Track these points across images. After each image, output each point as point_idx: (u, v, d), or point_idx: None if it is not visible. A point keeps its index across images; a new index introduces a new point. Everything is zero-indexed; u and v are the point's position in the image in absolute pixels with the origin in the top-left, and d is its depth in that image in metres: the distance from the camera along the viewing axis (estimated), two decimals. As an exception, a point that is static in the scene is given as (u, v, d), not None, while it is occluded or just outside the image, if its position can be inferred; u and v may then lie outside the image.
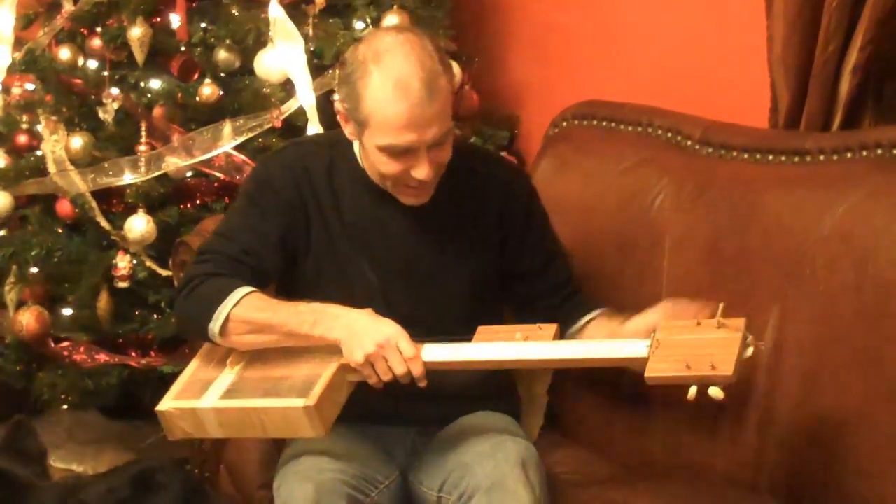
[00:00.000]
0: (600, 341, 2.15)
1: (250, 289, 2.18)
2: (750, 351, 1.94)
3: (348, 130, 2.22)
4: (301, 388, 2.06)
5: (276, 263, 2.29)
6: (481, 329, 2.15)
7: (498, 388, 2.42)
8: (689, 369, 1.88)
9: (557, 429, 2.66)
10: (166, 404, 2.21)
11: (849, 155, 2.34)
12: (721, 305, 1.97)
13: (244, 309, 2.15)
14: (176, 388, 2.24)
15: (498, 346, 2.10)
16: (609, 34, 3.38)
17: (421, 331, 2.10)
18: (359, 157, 2.30)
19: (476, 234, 2.33)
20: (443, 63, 2.13)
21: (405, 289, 2.30)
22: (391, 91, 2.07)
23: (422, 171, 2.13)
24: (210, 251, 2.29)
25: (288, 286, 2.33)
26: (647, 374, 1.92)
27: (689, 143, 2.65)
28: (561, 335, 2.20)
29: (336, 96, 2.25)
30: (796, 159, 2.42)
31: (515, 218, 2.34)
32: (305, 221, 2.30)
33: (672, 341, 1.94)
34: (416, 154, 2.12)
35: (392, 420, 2.31)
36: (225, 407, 2.14)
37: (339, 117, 2.24)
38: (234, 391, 2.16)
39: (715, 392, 1.88)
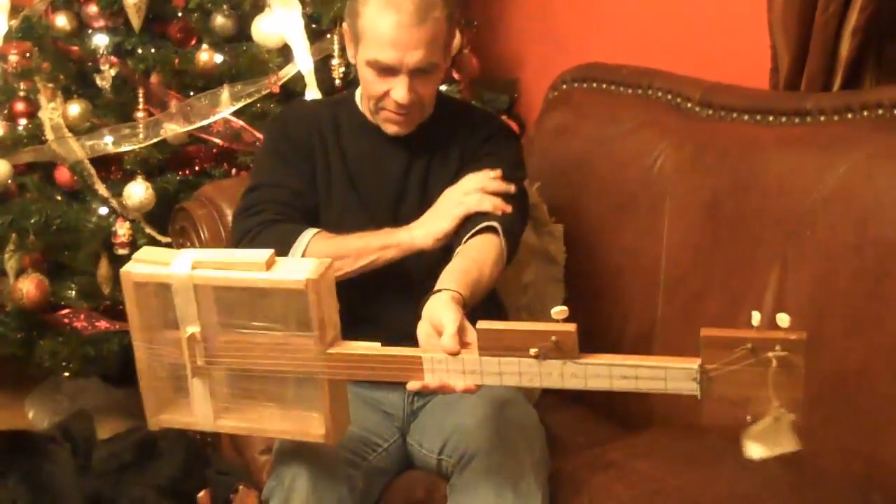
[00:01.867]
0: (637, 364, 1.79)
1: (315, 230, 2.25)
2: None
3: (350, 52, 2.32)
4: (304, 404, 1.92)
5: (316, 201, 2.36)
6: (482, 326, 1.74)
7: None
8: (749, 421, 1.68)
9: (557, 391, 2.65)
10: (160, 423, 2.05)
11: (849, 115, 2.34)
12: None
13: (315, 248, 2.20)
14: (151, 402, 2.04)
15: (515, 369, 1.77)
16: (608, -3, 3.37)
17: (406, 267, 2.22)
18: (359, 104, 2.40)
19: (451, 173, 2.35)
20: (446, 1, 2.20)
21: (394, 223, 2.32)
22: (384, 7, 2.16)
23: (398, 93, 2.20)
24: (257, 202, 2.32)
25: None
26: (705, 420, 1.80)
27: (688, 105, 2.64)
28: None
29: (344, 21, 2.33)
30: (797, 120, 2.42)
31: (473, 147, 2.37)
32: (313, 166, 2.37)
33: (724, 378, 1.68)
34: (397, 74, 2.19)
35: (391, 383, 2.31)
36: (228, 429, 2.03)
37: (345, 39, 2.33)
38: (224, 403, 1.98)
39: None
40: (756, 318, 1.63)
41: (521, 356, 1.73)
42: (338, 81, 3.17)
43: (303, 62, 3.17)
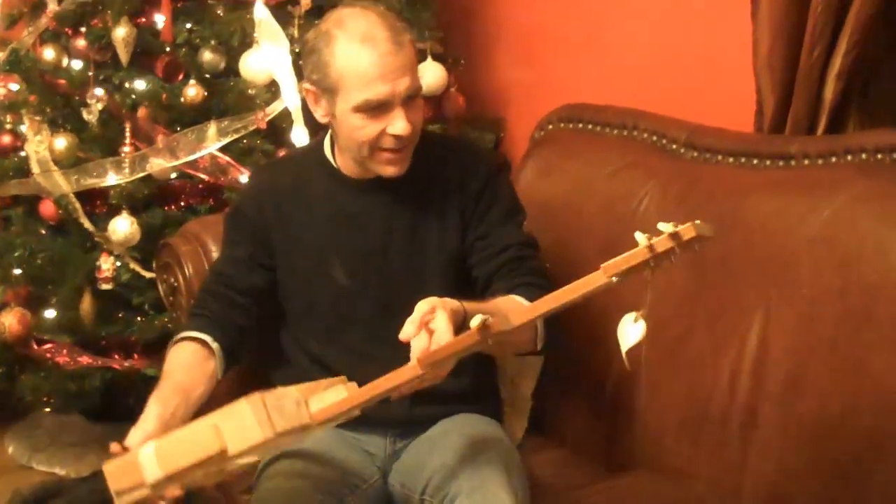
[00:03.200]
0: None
1: (184, 335, 2.29)
2: None
3: (319, 112, 2.26)
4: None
5: (252, 281, 2.37)
6: (422, 361, 1.81)
7: (481, 390, 2.41)
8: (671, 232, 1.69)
9: (541, 432, 2.65)
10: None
11: (833, 159, 2.34)
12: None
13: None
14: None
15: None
16: (595, 37, 3.38)
17: (399, 318, 2.09)
18: (330, 156, 2.35)
19: (443, 221, 2.34)
20: (404, 26, 2.19)
21: (379, 282, 2.32)
22: (359, 46, 2.12)
23: (398, 126, 2.16)
24: (201, 288, 2.46)
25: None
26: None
27: (674, 146, 2.65)
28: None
29: (304, 83, 2.27)
30: (781, 163, 2.42)
31: (471, 201, 2.34)
32: (269, 240, 2.37)
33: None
34: (391, 108, 2.15)
35: (372, 422, 2.29)
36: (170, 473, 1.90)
37: (308, 100, 2.28)
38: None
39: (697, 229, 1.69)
40: (640, 238, 1.71)
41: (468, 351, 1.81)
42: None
43: (290, 98, 3.18)
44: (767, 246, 2.34)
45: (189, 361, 2.24)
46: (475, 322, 1.72)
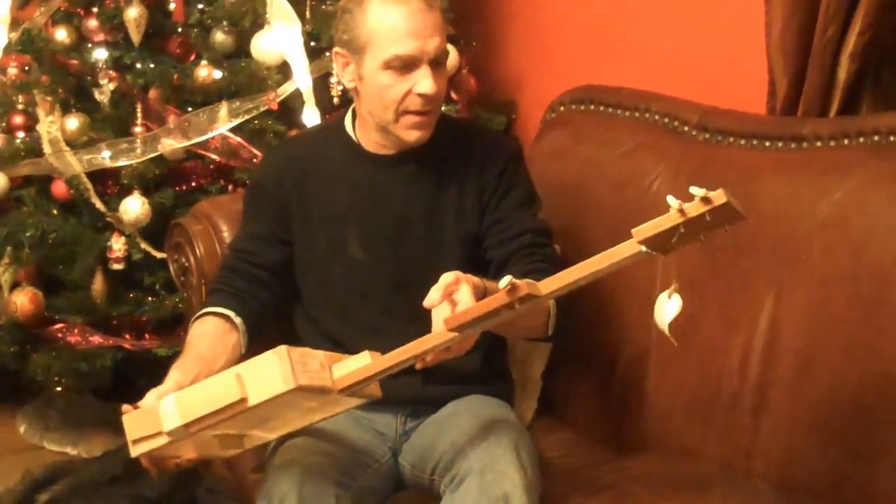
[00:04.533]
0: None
1: (207, 310, 2.30)
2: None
3: (346, 77, 2.29)
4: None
5: (273, 257, 2.38)
6: (449, 323, 1.81)
7: (491, 371, 2.42)
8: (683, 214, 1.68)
9: (551, 413, 2.66)
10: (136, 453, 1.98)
11: (846, 141, 2.33)
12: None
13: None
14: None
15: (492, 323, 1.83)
16: (607, 19, 3.37)
17: (414, 294, 2.10)
18: (351, 131, 2.37)
19: (461, 201, 2.35)
20: None
21: (395, 258, 2.33)
22: (390, 3, 2.16)
23: (425, 84, 2.18)
24: (221, 265, 2.48)
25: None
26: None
27: (685, 128, 2.64)
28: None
29: (334, 48, 2.31)
30: (793, 145, 2.42)
31: (490, 183, 2.35)
32: (288, 215, 2.38)
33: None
34: (418, 66, 2.18)
35: (383, 403, 2.30)
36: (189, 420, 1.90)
37: (336, 66, 2.31)
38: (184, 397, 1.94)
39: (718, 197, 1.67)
40: (672, 201, 1.68)
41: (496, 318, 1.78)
42: (336, 100, 3.17)
43: (302, 79, 3.17)
44: (779, 228, 2.34)
45: (211, 334, 2.25)
46: (503, 283, 1.72)
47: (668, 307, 1.74)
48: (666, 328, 1.74)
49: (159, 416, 1.87)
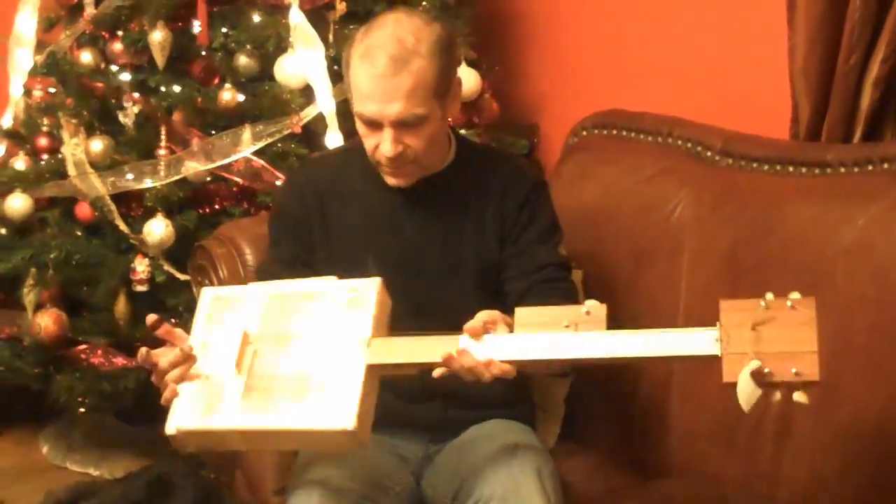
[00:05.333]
0: (662, 332, 1.81)
1: None
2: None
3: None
4: (333, 401, 1.93)
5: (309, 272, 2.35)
6: (519, 313, 1.89)
7: (513, 395, 2.41)
8: (769, 374, 1.71)
9: (573, 437, 2.65)
10: (177, 425, 2.02)
11: (870, 167, 2.33)
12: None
13: None
14: (181, 403, 2.04)
15: (552, 340, 1.84)
16: (629, 44, 3.38)
17: (431, 320, 2.11)
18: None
19: (481, 228, 2.34)
20: (432, 49, 2.14)
21: (412, 282, 2.31)
22: (360, 58, 2.15)
23: (384, 146, 2.18)
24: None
25: None
26: (725, 378, 1.74)
27: (709, 153, 2.64)
28: None
29: None
30: (817, 171, 2.42)
31: (511, 213, 2.34)
32: (310, 235, 2.38)
33: (742, 335, 1.72)
34: (381, 128, 2.17)
35: (406, 427, 2.31)
36: (250, 429, 1.99)
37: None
38: (253, 399, 2.01)
39: (799, 397, 1.74)
40: (769, 296, 1.71)
41: (555, 330, 1.83)
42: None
43: (324, 103, 3.19)
44: (802, 254, 2.34)
45: None
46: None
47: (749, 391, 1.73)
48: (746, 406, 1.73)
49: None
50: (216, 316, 2.10)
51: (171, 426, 2.02)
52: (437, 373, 1.90)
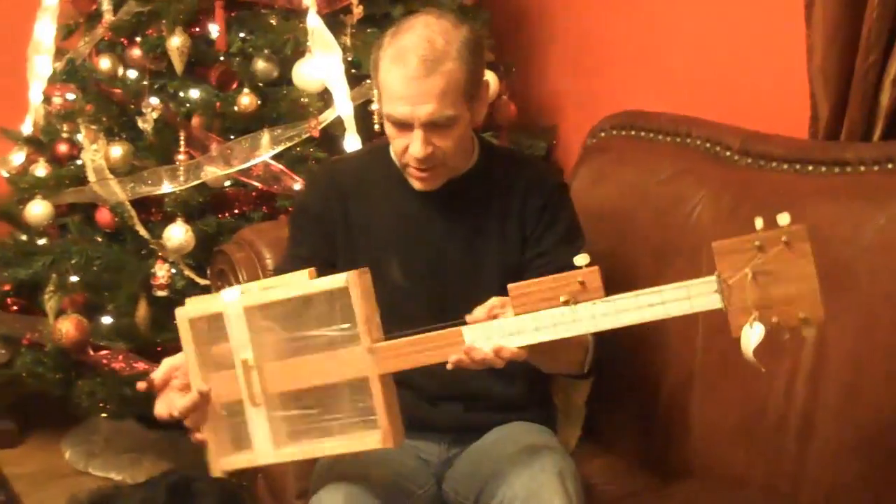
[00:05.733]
0: (660, 291, 1.80)
1: None
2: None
3: (379, 106, 2.34)
4: (363, 423, 1.96)
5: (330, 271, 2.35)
6: (513, 289, 1.85)
7: (534, 398, 2.41)
8: (777, 324, 1.71)
9: (594, 439, 2.65)
10: (222, 468, 2.14)
11: (889, 166, 2.32)
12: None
13: None
14: (213, 443, 2.13)
15: (554, 320, 1.83)
16: (647, 44, 3.38)
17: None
18: (395, 157, 2.35)
19: (503, 231, 2.34)
20: (462, 51, 2.15)
21: (435, 285, 2.33)
22: (391, 60, 2.15)
23: (414, 147, 2.18)
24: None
25: None
26: (734, 334, 1.73)
27: (727, 153, 2.63)
28: None
29: None
30: (836, 170, 2.41)
31: (533, 215, 2.34)
32: (333, 235, 2.38)
33: (742, 284, 1.71)
34: (412, 129, 2.17)
35: (427, 430, 2.31)
36: (290, 455, 2.06)
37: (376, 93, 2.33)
38: (282, 432, 2.04)
39: (807, 333, 1.74)
40: (759, 222, 1.69)
41: (554, 306, 1.81)
42: (377, 126, 3.18)
43: (343, 107, 3.19)
44: (823, 253, 2.30)
45: None
46: (580, 260, 1.80)
47: (751, 336, 1.72)
48: (751, 355, 1.72)
49: (221, 297, 2.04)
50: (202, 339, 2.07)
51: (216, 469, 2.10)
52: (449, 365, 1.91)
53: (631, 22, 3.44)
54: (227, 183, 3.31)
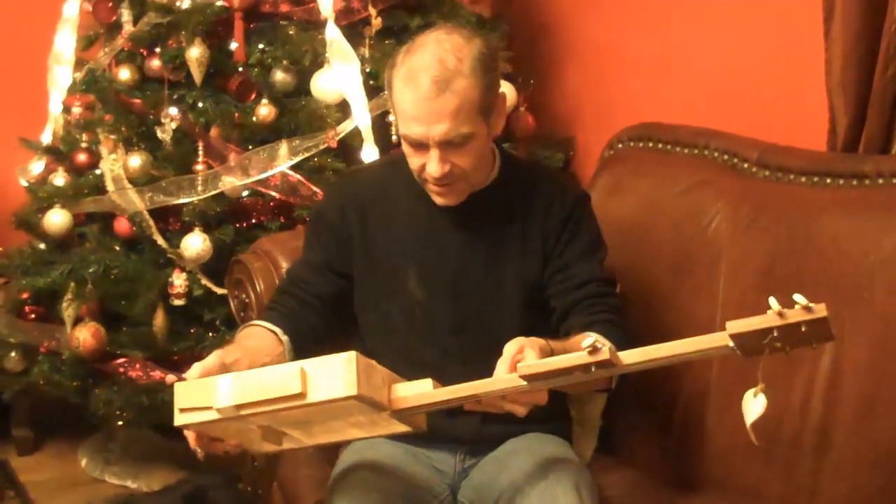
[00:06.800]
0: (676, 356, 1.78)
1: (256, 323, 2.33)
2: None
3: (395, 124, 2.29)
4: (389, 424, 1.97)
5: (324, 289, 2.38)
6: (523, 372, 1.82)
7: (550, 410, 2.39)
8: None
9: (610, 452, 2.64)
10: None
11: (908, 178, 2.32)
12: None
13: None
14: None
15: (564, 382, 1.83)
16: (665, 56, 3.37)
17: (473, 338, 2.12)
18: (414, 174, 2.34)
19: (524, 246, 2.32)
20: (475, 67, 2.13)
21: (455, 301, 2.32)
22: (403, 81, 2.14)
23: (431, 167, 2.17)
24: (277, 288, 2.50)
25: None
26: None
27: (745, 165, 2.63)
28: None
29: None
30: (855, 182, 2.40)
31: (554, 230, 2.32)
32: (349, 247, 2.38)
33: (757, 359, 1.71)
34: (428, 149, 2.16)
35: (442, 440, 2.31)
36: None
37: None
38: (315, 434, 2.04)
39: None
40: (774, 303, 1.64)
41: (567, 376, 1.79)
42: (395, 137, 3.19)
43: (360, 118, 3.20)
44: (840, 266, 2.32)
45: (258, 336, 2.26)
46: (586, 342, 1.72)
47: (753, 406, 1.73)
48: (748, 426, 1.73)
49: (213, 392, 1.88)
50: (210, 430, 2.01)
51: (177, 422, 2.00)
52: (468, 406, 1.92)
53: (649, 33, 3.44)
54: (245, 193, 3.32)
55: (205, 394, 1.90)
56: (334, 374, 1.81)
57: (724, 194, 2.60)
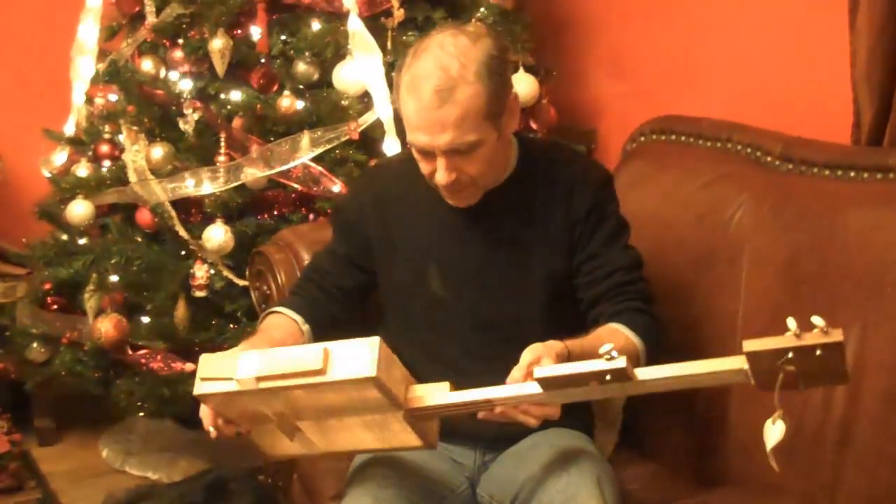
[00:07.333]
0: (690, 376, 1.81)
1: (278, 309, 2.37)
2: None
3: None
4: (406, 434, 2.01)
5: (346, 282, 2.42)
6: (539, 376, 1.83)
7: (571, 404, 2.39)
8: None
9: (632, 446, 2.64)
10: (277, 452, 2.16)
11: (933, 172, 2.30)
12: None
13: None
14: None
15: (580, 392, 1.85)
16: (688, 49, 3.36)
17: (496, 335, 2.11)
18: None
19: (548, 237, 2.30)
20: (480, 72, 2.08)
21: (477, 297, 2.31)
22: (406, 89, 2.11)
23: (438, 176, 2.15)
24: (302, 274, 2.55)
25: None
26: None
27: (769, 158, 2.61)
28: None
29: None
30: (879, 176, 2.38)
31: (579, 219, 2.29)
32: (368, 243, 2.39)
33: (772, 382, 1.72)
34: (434, 157, 2.14)
35: (462, 436, 2.30)
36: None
37: None
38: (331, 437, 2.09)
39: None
40: (792, 324, 1.66)
41: (583, 386, 1.80)
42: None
43: (382, 109, 3.20)
44: (864, 260, 2.31)
45: (283, 326, 2.31)
46: (604, 349, 1.73)
47: (772, 433, 1.75)
48: (768, 451, 1.75)
49: (236, 365, 1.94)
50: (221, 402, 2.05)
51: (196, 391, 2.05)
52: (481, 415, 1.94)
53: (671, 26, 3.43)
54: (267, 184, 3.32)
55: (227, 366, 1.95)
56: (356, 356, 1.85)
57: (747, 188, 2.59)
